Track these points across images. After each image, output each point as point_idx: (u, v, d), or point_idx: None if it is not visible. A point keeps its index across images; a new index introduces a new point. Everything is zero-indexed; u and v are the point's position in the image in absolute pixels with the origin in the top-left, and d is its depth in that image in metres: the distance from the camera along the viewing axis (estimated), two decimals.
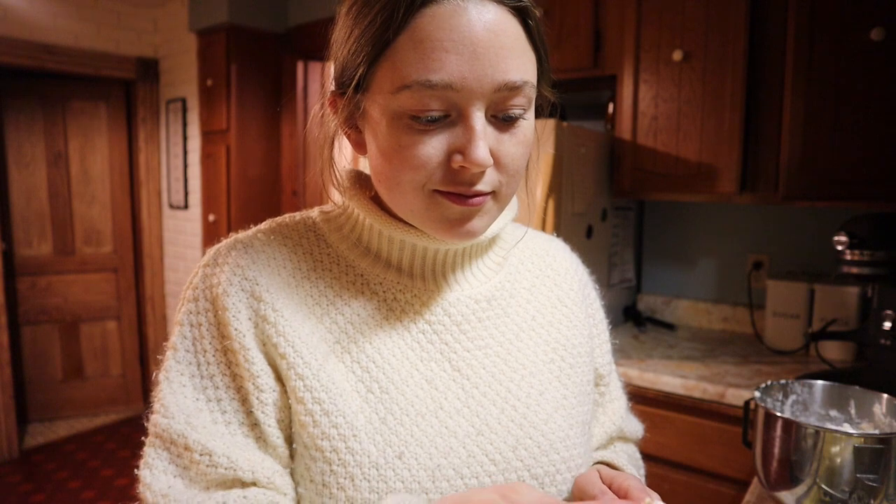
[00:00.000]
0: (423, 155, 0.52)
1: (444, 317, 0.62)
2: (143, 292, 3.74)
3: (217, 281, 0.58)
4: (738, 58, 1.70)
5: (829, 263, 1.89)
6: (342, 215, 0.66)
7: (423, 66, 0.50)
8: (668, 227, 2.25)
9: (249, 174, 3.16)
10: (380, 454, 0.54)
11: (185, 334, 0.58)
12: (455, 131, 0.52)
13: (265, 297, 0.57)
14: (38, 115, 3.49)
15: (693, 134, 1.79)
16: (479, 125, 0.52)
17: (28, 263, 3.52)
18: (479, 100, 0.51)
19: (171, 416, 0.55)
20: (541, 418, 0.61)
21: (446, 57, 0.50)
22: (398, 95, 0.51)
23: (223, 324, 0.57)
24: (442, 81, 0.50)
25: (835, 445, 0.78)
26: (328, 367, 0.56)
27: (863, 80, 1.53)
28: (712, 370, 1.66)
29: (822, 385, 0.96)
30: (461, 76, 0.50)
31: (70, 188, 3.59)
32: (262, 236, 0.63)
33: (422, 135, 0.52)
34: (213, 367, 0.57)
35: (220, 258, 0.60)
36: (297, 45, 3.11)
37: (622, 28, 1.88)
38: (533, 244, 0.75)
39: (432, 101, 0.51)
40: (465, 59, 0.50)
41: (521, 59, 0.52)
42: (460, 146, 0.52)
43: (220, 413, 0.56)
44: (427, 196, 0.55)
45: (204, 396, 0.56)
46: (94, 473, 3.03)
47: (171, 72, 3.53)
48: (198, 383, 0.56)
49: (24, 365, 3.52)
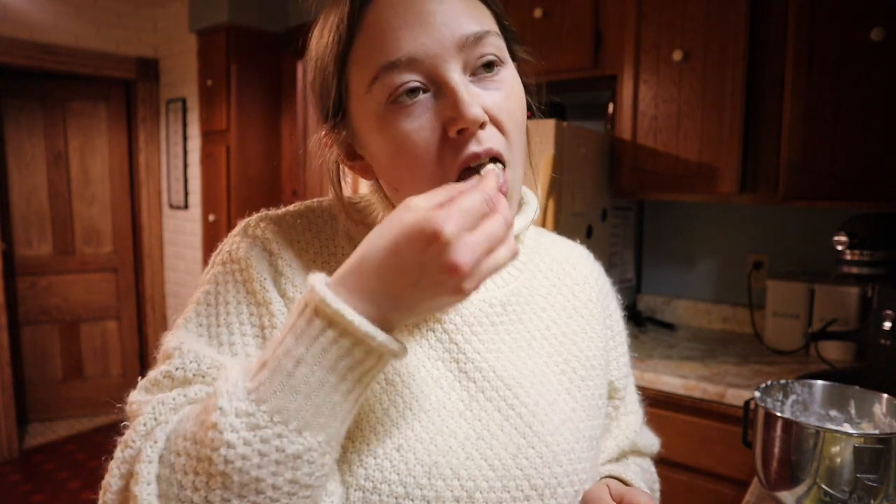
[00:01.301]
0: (418, 135, 0.52)
1: (455, 317, 0.61)
2: (143, 292, 3.74)
3: (244, 249, 0.59)
4: (738, 58, 1.70)
5: (829, 263, 1.89)
6: (367, 208, 0.66)
7: (382, 53, 0.51)
8: (668, 226, 2.25)
9: (249, 174, 3.16)
10: (378, 444, 0.54)
11: (208, 290, 0.59)
12: (440, 102, 0.52)
13: (286, 271, 0.58)
14: (38, 115, 3.49)
15: (693, 134, 1.79)
16: (459, 83, 0.52)
17: (28, 263, 3.52)
18: (448, 61, 0.52)
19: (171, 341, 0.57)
20: (546, 429, 0.60)
21: (399, 34, 0.51)
22: (372, 91, 0.52)
23: (249, 280, 0.58)
24: (405, 56, 0.51)
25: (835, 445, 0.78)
26: None
27: (863, 79, 1.53)
28: (712, 370, 1.66)
29: (822, 385, 0.96)
30: (420, 45, 0.51)
31: (70, 188, 3.59)
32: (290, 217, 0.64)
33: (409, 118, 0.52)
34: (231, 317, 0.57)
35: (250, 229, 0.61)
36: (297, 45, 3.11)
37: (622, 28, 1.88)
38: (554, 250, 0.73)
39: (403, 79, 0.51)
40: (419, 30, 0.51)
41: (474, 13, 0.53)
42: (450, 112, 0.51)
43: (230, 355, 0.56)
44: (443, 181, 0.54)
45: (217, 342, 0.56)
46: (94, 473, 3.03)
47: (171, 72, 3.53)
48: (214, 331, 0.57)
49: (24, 365, 3.52)
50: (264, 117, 3.19)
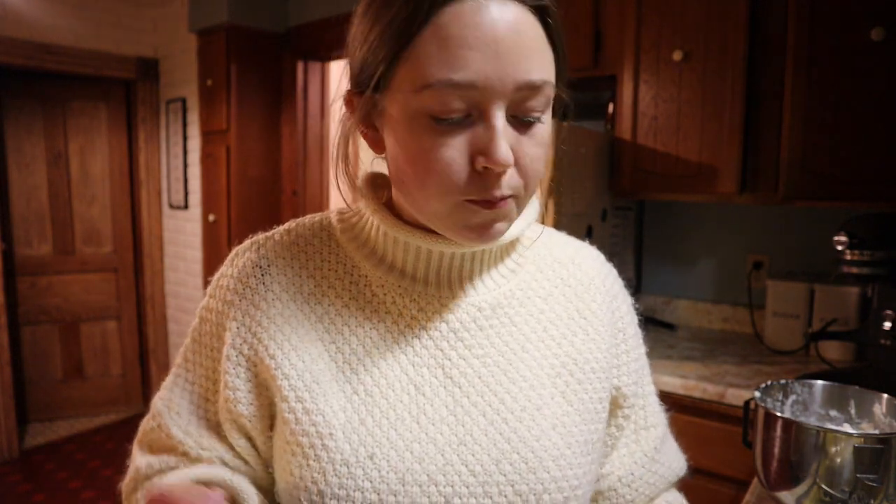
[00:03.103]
0: (447, 157, 0.51)
1: (440, 323, 0.61)
2: (143, 292, 3.74)
3: (227, 282, 0.64)
4: (738, 58, 1.70)
5: (829, 263, 1.89)
6: (355, 216, 0.66)
7: (446, 65, 0.49)
8: (668, 227, 2.25)
9: (249, 174, 3.16)
10: (352, 453, 0.56)
11: (194, 326, 0.67)
12: (475, 131, 0.51)
13: (268, 296, 0.61)
14: (38, 115, 3.49)
15: (693, 134, 1.79)
16: (500, 124, 0.51)
17: (28, 263, 3.52)
18: (501, 99, 0.50)
19: (161, 392, 0.67)
20: (533, 434, 0.59)
21: (470, 55, 0.49)
22: (420, 94, 0.50)
23: (221, 325, 0.63)
24: (465, 80, 0.49)
25: (835, 445, 0.78)
26: (315, 369, 0.59)
27: (863, 80, 1.53)
28: (712, 370, 1.66)
29: (822, 385, 0.96)
30: (484, 75, 0.49)
31: (70, 188, 3.59)
32: (278, 236, 0.66)
33: (443, 136, 0.51)
34: (199, 357, 0.65)
35: (238, 258, 0.65)
36: (297, 45, 3.11)
37: (622, 28, 1.88)
38: (558, 251, 0.71)
39: (455, 101, 0.50)
40: (488, 58, 0.49)
41: (541, 59, 0.52)
42: (482, 147, 0.51)
43: (192, 396, 0.65)
44: (455, 204, 0.54)
45: (186, 379, 0.66)
46: (94, 473, 3.03)
47: (171, 72, 3.53)
48: (190, 367, 0.66)
49: (24, 365, 3.52)
50: (264, 117, 3.19)
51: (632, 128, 1.89)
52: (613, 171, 1.95)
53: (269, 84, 3.18)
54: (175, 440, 0.63)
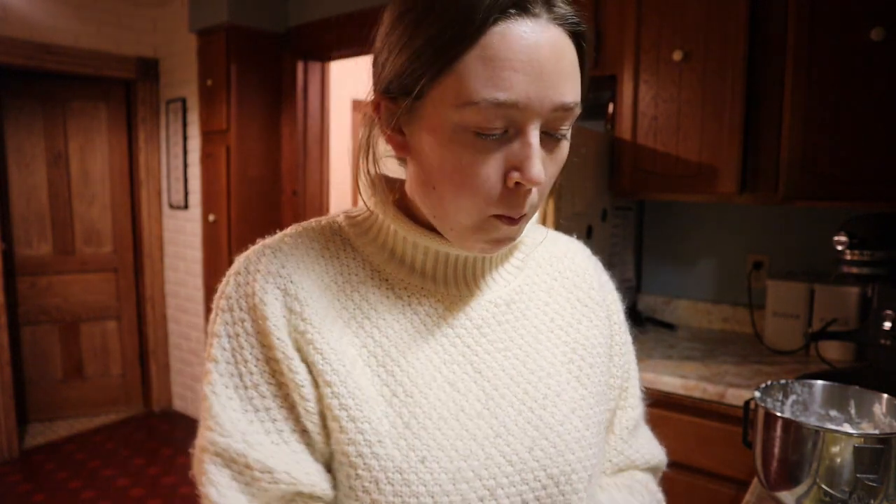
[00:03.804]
0: (484, 173, 0.53)
1: (465, 321, 0.63)
2: (143, 292, 3.74)
3: (252, 290, 0.58)
4: (738, 58, 1.70)
5: (829, 263, 1.89)
6: (368, 219, 0.66)
7: (492, 84, 0.50)
8: (668, 227, 2.25)
9: (249, 174, 3.16)
10: (403, 459, 0.55)
11: (223, 346, 0.58)
12: (511, 148, 0.53)
13: (300, 296, 0.58)
14: (38, 115, 3.49)
15: (693, 134, 1.79)
16: (536, 142, 0.53)
17: (28, 263, 3.52)
18: (538, 118, 0.52)
19: (229, 435, 0.55)
20: (557, 419, 0.62)
21: (515, 76, 0.50)
22: (463, 110, 0.52)
23: (263, 333, 0.57)
24: (509, 100, 0.51)
25: (835, 445, 0.78)
26: (355, 374, 0.57)
27: (863, 80, 1.53)
28: (712, 370, 1.66)
29: (822, 385, 0.96)
30: (527, 96, 0.51)
31: (70, 188, 3.59)
32: (289, 240, 0.63)
33: (482, 152, 0.53)
34: (256, 377, 0.57)
35: (251, 265, 0.60)
36: (297, 45, 3.11)
37: (622, 28, 1.88)
38: (552, 247, 0.75)
39: (497, 119, 0.51)
40: (531, 80, 0.51)
41: (575, 82, 0.54)
42: (517, 163, 0.53)
43: (270, 423, 0.56)
44: (483, 219, 0.56)
45: (252, 407, 0.56)
46: (94, 473, 3.03)
47: (171, 72, 3.53)
48: (243, 394, 0.57)
49: (24, 365, 3.52)
50: (264, 117, 3.19)
51: (632, 128, 1.89)
52: (613, 171, 1.95)
53: (269, 84, 3.18)
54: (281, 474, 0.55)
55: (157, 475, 3.02)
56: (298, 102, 3.15)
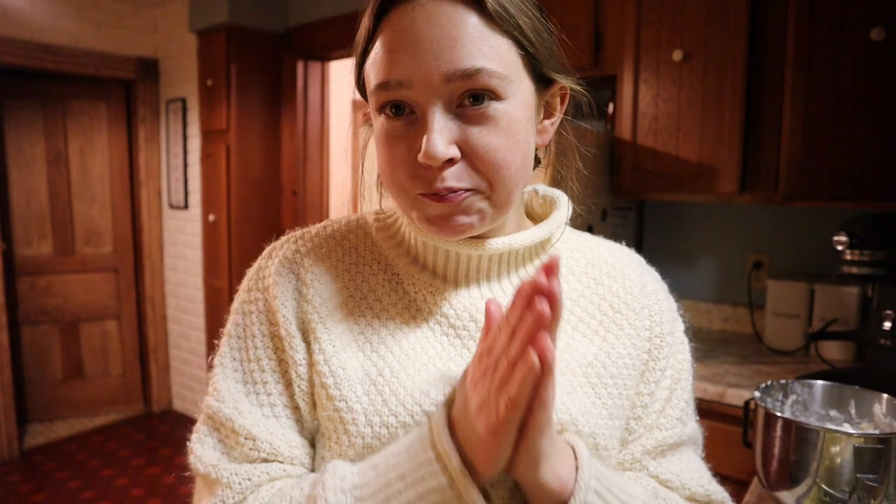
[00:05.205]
0: (398, 155, 0.56)
1: (469, 322, 0.62)
2: (143, 292, 3.74)
3: (269, 272, 0.64)
4: (738, 58, 1.70)
5: (829, 263, 1.89)
6: (391, 217, 0.69)
7: (381, 69, 0.55)
8: (668, 227, 2.25)
9: (249, 174, 3.16)
10: (374, 437, 0.56)
11: (237, 322, 0.64)
12: (417, 129, 0.55)
13: (308, 280, 0.63)
14: (38, 115, 3.49)
15: (693, 134, 1.79)
16: (433, 118, 0.53)
17: (28, 263, 3.52)
18: (433, 94, 0.53)
19: (222, 400, 0.60)
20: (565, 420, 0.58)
21: (395, 57, 0.54)
22: (372, 98, 0.57)
23: (272, 311, 0.62)
24: (393, 80, 0.54)
25: (835, 445, 0.78)
26: (343, 356, 0.60)
27: (863, 80, 1.53)
28: (712, 370, 1.66)
29: (822, 385, 0.96)
30: (409, 72, 0.53)
31: (70, 188, 3.59)
32: (314, 231, 0.68)
33: (393, 135, 0.56)
34: (259, 351, 0.62)
35: (275, 251, 0.66)
36: (297, 45, 3.11)
37: (622, 28, 1.88)
38: (591, 253, 0.72)
39: (392, 101, 0.55)
40: (410, 57, 0.53)
41: (474, 47, 0.53)
42: (420, 143, 0.54)
43: (265, 396, 0.61)
44: (412, 198, 0.58)
45: (251, 380, 0.61)
46: (94, 473, 3.03)
47: (171, 72, 3.53)
48: (246, 367, 0.62)
49: (24, 365, 3.52)
50: (264, 117, 3.19)
51: (632, 128, 1.89)
52: (613, 171, 1.95)
53: (269, 84, 3.19)
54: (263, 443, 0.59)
55: (157, 475, 3.02)
56: (298, 102, 3.15)
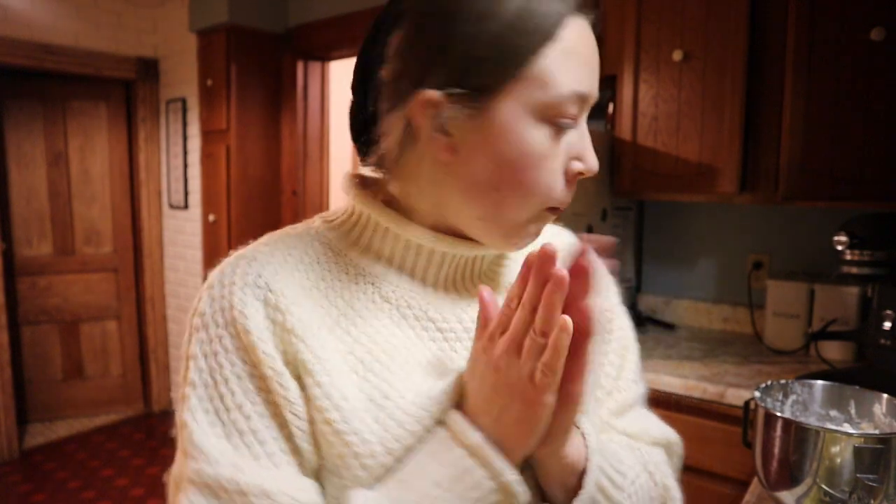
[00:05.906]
0: (554, 167, 0.55)
1: (456, 324, 0.61)
2: (143, 292, 3.74)
3: (229, 303, 0.54)
4: (738, 58, 1.70)
5: (829, 263, 1.89)
6: (347, 221, 0.63)
7: (574, 78, 0.53)
8: (668, 227, 2.25)
9: (249, 174, 3.16)
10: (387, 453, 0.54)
11: (200, 367, 0.54)
12: (568, 137, 0.56)
13: (281, 305, 0.54)
14: (38, 115, 3.49)
15: (693, 134, 1.78)
16: (588, 134, 0.57)
17: (28, 263, 3.52)
18: (588, 110, 0.57)
19: (214, 462, 0.51)
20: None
21: (585, 70, 0.55)
22: (545, 104, 0.53)
23: (247, 349, 0.53)
24: (585, 93, 0.55)
25: (835, 445, 0.78)
26: (340, 384, 0.54)
27: (863, 80, 1.53)
28: (712, 370, 1.66)
29: (822, 385, 0.96)
30: (593, 88, 0.56)
31: (70, 188, 3.59)
32: (264, 248, 0.59)
33: (554, 146, 0.55)
34: (239, 397, 0.53)
35: (226, 278, 0.56)
36: (297, 45, 3.11)
37: (622, 28, 1.88)
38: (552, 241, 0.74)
39: (573, 110, 0.55)
40: (592, 73, 0.56)
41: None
42: (577, 153, 0.56)
43: (259, 446, 0.52)
44: (537, 212, 0.57)
45: (236, 431, 0.52)
46: (94, 473, 3.03)
47: (171, 72, 3.53)
48: (226, 418, 0.52)
49: (24, 365, 3.52)
50: (264, 117, 3.19)
51: (632, 128, 1.89)
52: (613, 171, 1.95)
53: (269, 84, 3.18)
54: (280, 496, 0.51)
55: (157, 475, 3.02)
56: (298, 102, 3.14)
